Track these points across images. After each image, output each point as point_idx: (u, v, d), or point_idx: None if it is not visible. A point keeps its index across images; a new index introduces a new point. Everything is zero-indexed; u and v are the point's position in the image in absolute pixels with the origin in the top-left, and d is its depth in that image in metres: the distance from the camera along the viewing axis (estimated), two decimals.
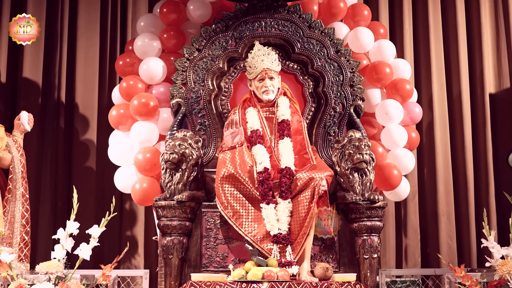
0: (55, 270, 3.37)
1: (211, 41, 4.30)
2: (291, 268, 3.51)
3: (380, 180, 4.37)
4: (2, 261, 3.36)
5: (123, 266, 5.03)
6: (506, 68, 5.53)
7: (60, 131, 5.16)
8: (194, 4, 4.53)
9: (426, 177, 5.39)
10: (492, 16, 5.60)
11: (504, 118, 5.45)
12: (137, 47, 4.54)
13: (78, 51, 5.26)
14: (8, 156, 4.16)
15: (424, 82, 5.48)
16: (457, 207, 5.33)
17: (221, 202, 3.68)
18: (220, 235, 3.77)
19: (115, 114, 4.52)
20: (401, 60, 4.79)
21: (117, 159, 4.53)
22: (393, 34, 5.49)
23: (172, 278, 3.65)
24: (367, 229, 3.69)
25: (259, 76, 4.02)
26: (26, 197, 4.14)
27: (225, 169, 3.71)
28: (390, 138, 4.49)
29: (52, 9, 5.25)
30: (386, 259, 5.24)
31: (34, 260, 4.36)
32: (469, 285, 3.53)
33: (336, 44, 4.34)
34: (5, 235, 4.01)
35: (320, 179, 3.63)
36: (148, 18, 4.70)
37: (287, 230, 3.62)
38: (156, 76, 4.46)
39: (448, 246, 5.23)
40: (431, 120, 5.40)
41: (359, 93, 4.27)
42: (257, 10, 4.37)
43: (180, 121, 4.19)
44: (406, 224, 5.31)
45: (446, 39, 5.56)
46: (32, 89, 5.12)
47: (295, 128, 3.99)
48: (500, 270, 3.51)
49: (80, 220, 3.55)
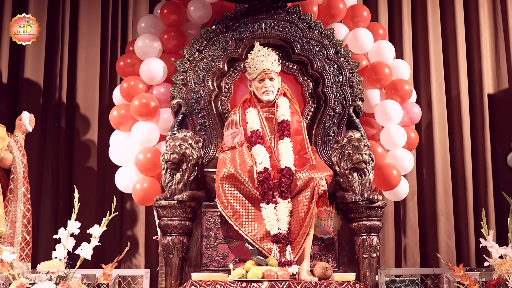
0: (56, 269, 3.37)
1: (211, 42, 4.30)
2: (291, 267, 3.51)
3: (379, 180, 4.37)
4: (3, 261, 3.37)
5: (124, 265, 5.03)
6: (505, 68, 5.53)
7: (61, 132, 5.16)
8: (195, 5, 4.53)
9: (425, 177, 5.39)
10: (490, 17, 5.60)
11: (503, 118, 5.45)
12: (138, 48, 4.55)
13: (79, 52, 5.26)
14: (10, 156, 4.17)
15: (423, 83, 5.47)
16: (456, 207, 5.33)
17: (221, 202, 3.68)
18: (220, 235, 3.77)
19: (116, 115, 4.53)
20: (400, 61, 4.80)
21: (118, 159, 4.54)
22: (392, 35, 5.49)
23: (172, 277, 3.65)
24: (366, 229, 3.69)
25: (259, 76, 4.02)
26: (27, 197, 4.14)
27: (225, 169, 3.71)
28: (389, 138, 4.49)
29: (53, 10, 5.25)
30: (385, 258, 5.23)
31: (35, 259, 4.36)
32: (467, 284, 3.53)
33: (335, 45, 4.34)
34: (6, 235, 4.02)
35: (319, 179, 3.64)
36: (148, 19, 4.71)
37: (287, 229, 3.62)
38: (157, 76, 4.46)
39: (447, 245, 5.23)
40: (430, 120, 5.40)
41: (358, 93, 4.27)
42: (257, 11, 4.37)
43: (180, 122, 4.19)
44: (405, 224, 5.31)
45: (445, 40, 5.56)
46: (34, 89, 5.12)
47: (295, 129, 3.99)
48: (498, 269, 3.52)
49: (81, 220, 3.55)
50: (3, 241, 3.98)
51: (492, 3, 5.61)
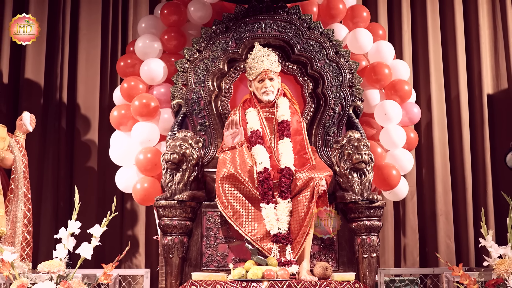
0: (57, 269, 3.36)
1: (211, 42, 4.29)
2: (290, 267, 3.51)
3: (379, 180, 4.36)
4: (4, 260, 3.36)
5: (124, 265, 5.03)
6: (504, 69, 5.52)
7: (62, 132, 5.16)
8: (195, 6, 4.53)
9: (425, 177, 5.39)
10: (490, 18, 5.59)
11: (502, 118, 5.44)
12: (138, 48, 4.54)
13: (80, 52, 5.26)
14: (10, 156, 4.16)
15: (423, 83, 5.47)
16: (455, 206, 5.33)
17: (221, 201, 3.68)
18: (220, 235, 3.76)
19: (116, 115, 4.52)
20: (400, 61, 4.79)
21: (118, 159, 4.53)
22: (391, 35, 5.49)
23: (172, 277, 3.65)
24: (366, 229, 3.69)
25: (259, 77, 4.02)
26: (28, 197, 4.14)
27: (225, 169, 3.71)
28: (389, 138, 4.49)
29: (53, 11, 5.25)
30: (385, 258, 5.23)
31: (36, 259, 4.36)
32: (467, 284, 3.52)
33: (335, 45, 4.34)
34: (7, 235, 4.01)
35: (319, 179, 3.63)
36: (149, 19, 4.70)
37: (287, 229, 3.62)
38: (157, 77, 4.45)
39: (447, 245, 5.22)
40: (429, 120, 5.39)
41: (358, 93, 4.26)
42: (257, 11, 4.37)
43: (180, 122, 4.19)
44: (404, 224, 5.31)
45: (444, 40, 5.55)
46: (34, 90, 5.12)
47: (295, 129, 3.98)
48: (498, 269, 3.51)
49: (81, 220, 3.54)
50: (4, 241, 3.98)
51: (491, 4, 5.61)
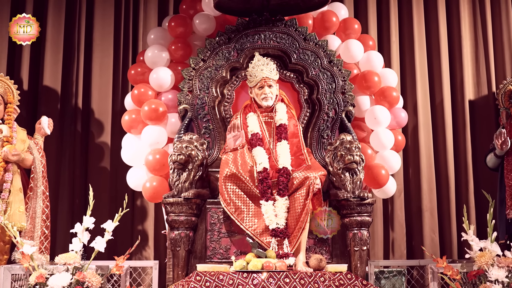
0: (73, 261, 3.38)
1: (215, 52, 4.31)
2: (288, 259, 3.52)
3: (369, 179, 4.37)
4: (24, 253, 3.38)
5: (135, 257, 5.03)
6: (484, 77, 5.52)
7: (77, 135, 5.16)
8: (200, 19, 4.55)
9: (411, 176, 5.39)
10: (471, 29, 5.59)
11: (482, 122, 5.45)
12: (148, 57, 4.55)
13: (94, 62, 5.26)
14: (30, 157, 4.18)
15: (410, 90, 5.47)
16: (439, 203, 5.33)
17: (224, 199, 3.69)
18: (223, 229, 3.77)
19: (127, 119, 4.53)
20: (388, 70, 4.81)
21: (129, 160, 4.54)
22: (381, 45, 5.49)
23: (179, 268, 3.66)
24: (357, 224, 3.70)
25: (258, 84, 4.03)
26: (46, 195, 4.16)
27: (227, 169, 3.72)
28: (378, 140, 4.50)
29: (70, 23, 5.25)
30: (375, 251, 5.23)
31: (53, 252, 4.37)
32: (450, 275, 3.53)
33: (329, 55, 4.35)
34: (27, 230, 4.02)
35: (314, 178, 3.64)
36: (157, 31, 4.71)
37: (284, 224, 3.63)
38: (165, 84, 4.47)
39: (431, 239, 5.22)
40: (415, 124, 5.40)
41: (350, 99, 4.27)
42: (257, 24, 4.38)
43: (186, 125, 4.20)
44: (393, 219, 5.31)
45: (430, 50, 5.56)
46: (52, 96, 5.13)
47: (292, 132, 3.99)
48: (478, 261, 3.52)
49: (95, 216, 3.56)
50: (24, 235, 3.99)
51: (472, 17, 5.61)
